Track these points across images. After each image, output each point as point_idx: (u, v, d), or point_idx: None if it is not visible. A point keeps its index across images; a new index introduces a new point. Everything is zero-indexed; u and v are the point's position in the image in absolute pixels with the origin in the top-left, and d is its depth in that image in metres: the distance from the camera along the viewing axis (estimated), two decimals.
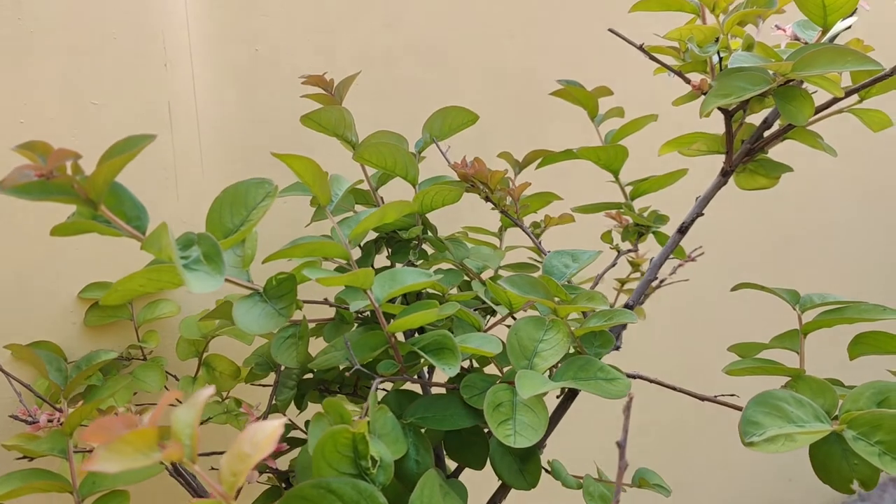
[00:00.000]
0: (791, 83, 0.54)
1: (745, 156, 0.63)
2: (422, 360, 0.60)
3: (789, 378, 0.52)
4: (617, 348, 0.78)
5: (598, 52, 1.12)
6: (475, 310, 0.72)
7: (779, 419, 0.44)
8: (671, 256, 0.75)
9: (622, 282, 0.81)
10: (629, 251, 0.74)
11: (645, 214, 0.75)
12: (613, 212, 0.78)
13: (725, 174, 0.63)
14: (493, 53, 1.04)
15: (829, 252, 1.40)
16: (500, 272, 0.81)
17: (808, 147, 0.66)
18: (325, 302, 0.63)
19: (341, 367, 0.68)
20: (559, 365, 0.56)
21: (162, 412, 0.38)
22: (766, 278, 0.75)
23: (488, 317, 0.74)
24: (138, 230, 0.50)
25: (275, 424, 0.37)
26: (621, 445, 0.37)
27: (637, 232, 0.73)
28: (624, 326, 0.79)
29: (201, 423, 0.92)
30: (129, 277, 0.51)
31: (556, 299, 0.57)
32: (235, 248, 0.60)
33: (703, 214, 0.65)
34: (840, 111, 0.62)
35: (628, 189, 0.76)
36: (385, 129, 0.79)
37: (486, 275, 0.77)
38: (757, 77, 0.53)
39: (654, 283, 0.81)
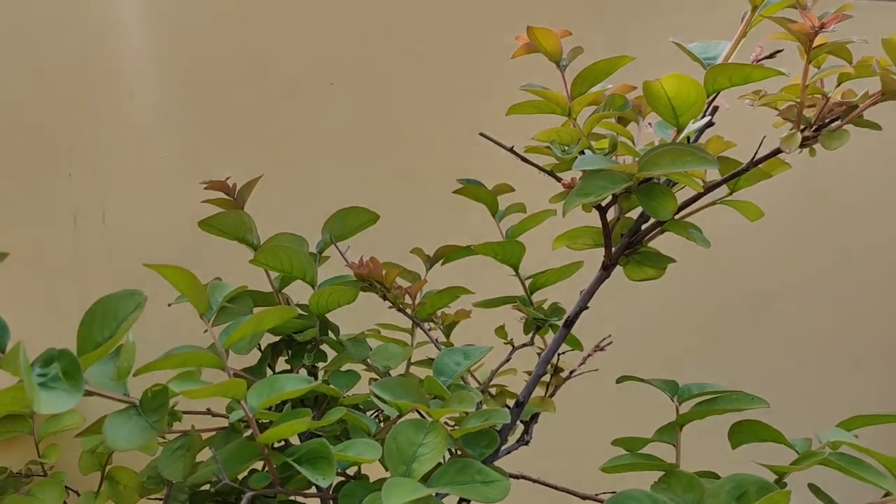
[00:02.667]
0: (652, 180, 0.56)
1: (626, 249, 0.64)
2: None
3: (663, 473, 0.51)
4: (526, 443, 0.77)
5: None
6: (375, 412, 0.72)
7: None
8: (570, 349, 0.75)
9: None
10: (524, 345, 0.74)
11: (545, 307, 0.76)
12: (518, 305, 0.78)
13: (606, 268, 0.64)
14: (404, 151, 1.07)
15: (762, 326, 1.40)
16: (413, 369, 0.81)
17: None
18: (208, 412, 0.62)
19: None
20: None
21: None
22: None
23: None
24: None
25: None
26: None
27: (535, 325, 0.73)
28: (535, 420, 0.79)
29: None
30: None
31: (433, 400, 0.56)
32: (115, 360, 0.59)
33: (587, 308, 0.65)
34: (714, 203, 0.64)
35: (528, 282, 0.76)
36: (296, 230, 0.80)
37: (397, 372, 0.76)
38: (617, 176, 0.54)
39: (564, 374, 0.81)
